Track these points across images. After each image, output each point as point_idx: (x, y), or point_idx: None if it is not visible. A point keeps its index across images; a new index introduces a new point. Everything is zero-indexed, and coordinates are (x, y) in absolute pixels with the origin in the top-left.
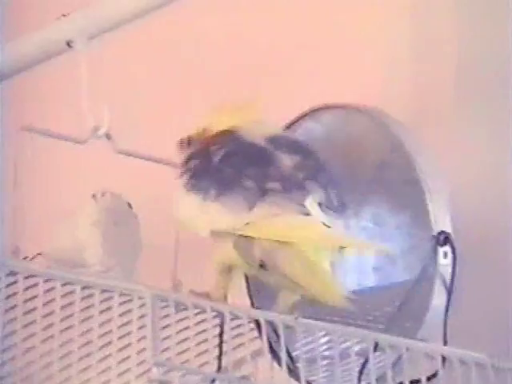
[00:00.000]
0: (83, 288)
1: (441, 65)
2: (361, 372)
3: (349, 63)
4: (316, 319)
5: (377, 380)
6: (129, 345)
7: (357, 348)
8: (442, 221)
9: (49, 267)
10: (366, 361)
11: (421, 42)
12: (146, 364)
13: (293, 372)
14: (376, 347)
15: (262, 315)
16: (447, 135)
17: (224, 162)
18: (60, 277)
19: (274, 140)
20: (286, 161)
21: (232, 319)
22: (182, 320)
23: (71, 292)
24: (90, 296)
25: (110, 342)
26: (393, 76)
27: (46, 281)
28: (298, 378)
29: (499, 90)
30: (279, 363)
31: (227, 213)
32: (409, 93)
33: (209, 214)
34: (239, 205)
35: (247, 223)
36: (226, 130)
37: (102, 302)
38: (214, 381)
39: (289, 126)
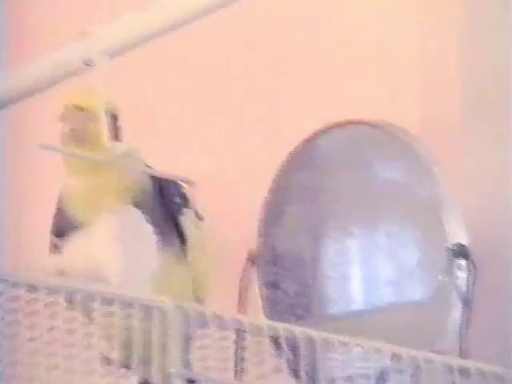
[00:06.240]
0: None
1: (447, 77)
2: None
3: (356, 79)
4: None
5: None
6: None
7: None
8: (457, 232)
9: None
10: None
11: (428, 55)
12: None
13: None
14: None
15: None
16: (456, 147)
17: None
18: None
19: None
20: None
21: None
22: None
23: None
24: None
25: None
26: (400, 90)
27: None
28: None
29: (504, 98)
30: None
31: None
32: (417, 106)
33: None
34: None
35: None
36: None
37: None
38: None
39: (304, 144)
